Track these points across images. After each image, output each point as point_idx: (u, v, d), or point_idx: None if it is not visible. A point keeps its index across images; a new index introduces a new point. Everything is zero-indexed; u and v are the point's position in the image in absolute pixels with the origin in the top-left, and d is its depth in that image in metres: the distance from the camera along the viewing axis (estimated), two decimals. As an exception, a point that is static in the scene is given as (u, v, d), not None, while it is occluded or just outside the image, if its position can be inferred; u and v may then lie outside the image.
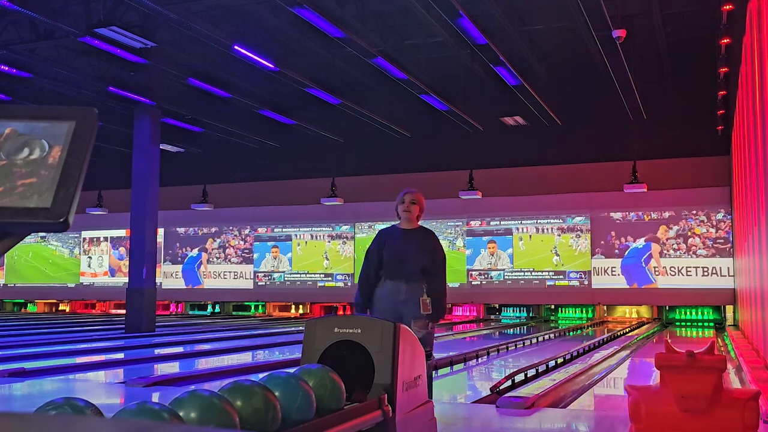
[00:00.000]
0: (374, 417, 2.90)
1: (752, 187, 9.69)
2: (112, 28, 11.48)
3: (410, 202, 4.58)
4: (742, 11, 9.88)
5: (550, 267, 19.85)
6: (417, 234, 4.59)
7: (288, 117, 18.65)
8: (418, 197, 4.61)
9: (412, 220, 4.59)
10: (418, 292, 4.39)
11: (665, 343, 3.16)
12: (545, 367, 8.21)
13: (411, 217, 4.58)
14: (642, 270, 18.98)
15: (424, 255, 4.48)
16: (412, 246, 4.50)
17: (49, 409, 2.08)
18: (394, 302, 4.41)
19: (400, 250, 4.50)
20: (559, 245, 19.83)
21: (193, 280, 23.53)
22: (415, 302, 4.36)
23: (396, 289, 4.43)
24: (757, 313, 9.57)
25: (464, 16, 11.82)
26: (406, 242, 4.51)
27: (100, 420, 0.62)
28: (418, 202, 4.60)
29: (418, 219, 4.62)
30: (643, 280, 19.00)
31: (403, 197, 4.61)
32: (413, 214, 4.57)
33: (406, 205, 4.57)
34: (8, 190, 0.81)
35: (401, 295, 4.40)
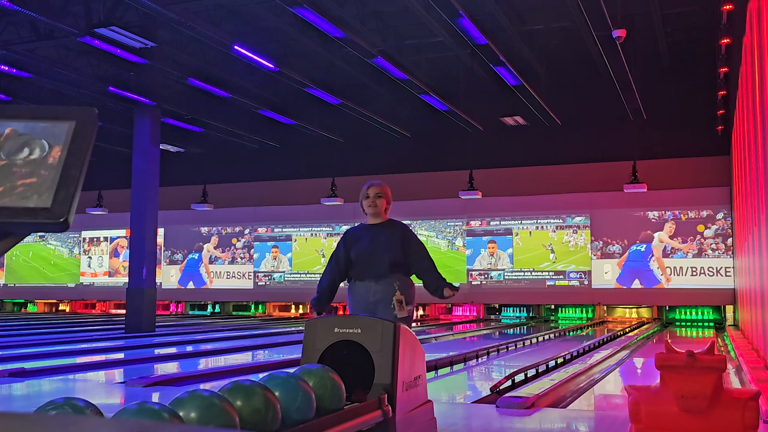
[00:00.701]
0: (374, 417, 2.90)
1: (752, 187, 9.69)
2: (112, 28, 11.47)
3: (375, 196, 4.25)
4: (742, 11, 9.88)
5: (546, 262, 19.85)
6: (384, 228, 4.26)
7: (288, 117, 18.65)
8: (384, 189, 4.29)
9: (378, 214, 4.27)
10: (390, 291, 4.09)
11: (665, 343, 3.16)
12: (545, 367, 8.20)
13: (377, 212, 4.26)
14: (649, 271, 18.98)
15: (393, 250, 4.17)
16: (379, 242, 4.20)
17: (49, 409, 2.08)
18: (366, 304, 4.12)
19: (367, 247, 4.20)
20: (554, 242, 19.84)
21: (197, 280, 23.52)
22: (387, 302, 4.06)
23: (366, 289, 4.16)
24: (757, 313, 9.57)
25: (464, 16, 11.82)
26: (373, 239, 4.21)
27: (100, 420, 0.62)
28: (384, 194, 4.27)
29: (386, 212, 4.30)
30: (650, 281, 19.00)
31: (367, 191, 4.28)
32: (379, 208, 4.25)
33: (371, 200, 4.25)
34: (8, 190, 0.81)
35: (371, 295, 4.12)
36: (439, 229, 20.94)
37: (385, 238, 4.19)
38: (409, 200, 20.89)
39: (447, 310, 20.98)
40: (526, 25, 15.06)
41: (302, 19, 12.53)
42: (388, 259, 4.13)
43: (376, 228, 4.26)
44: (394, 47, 15.38)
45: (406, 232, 4.28)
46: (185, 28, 13.57)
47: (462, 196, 18.99)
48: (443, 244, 20.82)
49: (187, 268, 23.66)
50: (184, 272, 23.68)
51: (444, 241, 20.93)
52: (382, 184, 4.30)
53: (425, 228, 21.04)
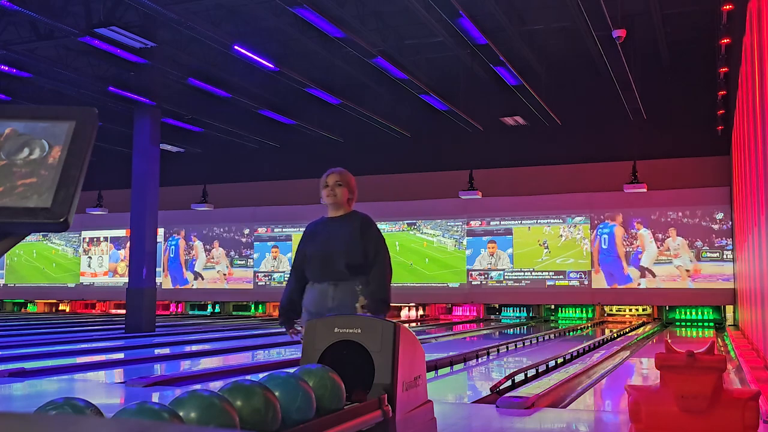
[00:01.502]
0: (374, 417, 2.91)
1: (752, 187, 9.69)
2: (112, 28, 11.48)
3: (335, 185, 3.71)
4: (742, 11, 9.88)
5: (538, 257, 19.87)
6: (344, 223, 3.71)
7: (288, 117, 18.65)
8: (345, 177, 3.75)
9: (339, 205, 3.73)
10: (350, 296, 3.57)
11: (665, 343, 3.16)
12: (545, 367, 8.20)
13: (337, 202, 3.71)
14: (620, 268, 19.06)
15: (352, 247, 3.61)
16: (336, 238, 3.66)
17: (49, 409, 2.08)
18: (321, 310, 3.57)
19: (322, 245, 3.68)
20: (549, 236, 19.86)
21: (181, 279, 23.53)
22: (347, 309, 3.53)
23: (322, 293, 3.63)
24: (757, 313, 9.57)
25: (464, 16, 11.82)
26: (330, 235, 3.69)
27: (100, 420, 0.62)
28: (345, 183, 3.74)
29: (350, 203, 3.77)
30: (623, 280, 19.08)
31: (326, 179, 3.73)
32: (339, 198, 3.71)
33: (329, 189, 3.71)
34: (8, 190, 0.81)
35: (329, 300, 3.59)
36: (446, 227, 20.89)
37: (344, 234, 3.65)
38: (409, 200, 20.90)
39: (447, 310, 20.98)
40: (526, 25, 15.07)
41: (302, 19, 12.53)
42: (345, 258, 3.62)
43: (336, 222, 3.73)
44: (394, 47, 15.38)
45: (371, 229, 3.70)
46: (185, 28, 13.57)
47: (462, 196, 18.99)
48: (450, 243, 20.81)
49: (188, 267, 23.66)
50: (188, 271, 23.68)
51: (451, 240, 20.86)
52: (344, 171, 3.78)
53: (430, 227, 21.03)
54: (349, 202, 3.76)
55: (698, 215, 18.59)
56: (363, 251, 3.61)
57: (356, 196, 3.80)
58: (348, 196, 3.74)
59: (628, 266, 19.10)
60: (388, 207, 21.14)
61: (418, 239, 21.11)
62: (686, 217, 18.68)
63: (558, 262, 19.73)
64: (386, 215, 21.31)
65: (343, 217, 3.73)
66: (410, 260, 20.99)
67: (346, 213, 3.74)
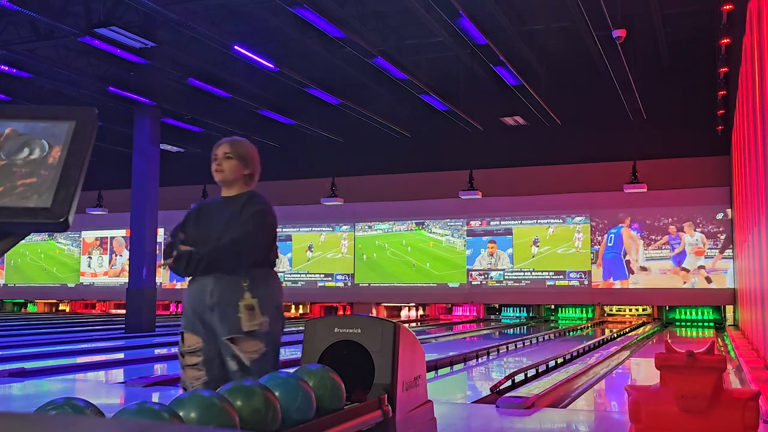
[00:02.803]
0: (374, 417, 2.91)
1: (752, 187, 9.69)
2: (112, 28, 11.47)
3: (224, 157, 3.05)
4: (742, 11, 9.88)
5: (529, 257, 19.91)
6: (235, 203, 3.03)
7: (288, 117, 18.66)
8: (238, 148, 3.07)
9: (229, 182, 3.06)
10: (234, 293, 2.90)
11: (665, 343, 3.16)
12: (545, 367, 8.20)
13: (225, 179, 3.05)
14: (621, 265, 19.10)
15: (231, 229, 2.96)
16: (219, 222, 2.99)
17: (49, 409, 2.09)
18: (201, 309, 2.96)
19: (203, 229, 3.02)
20: (539, 233, 19.90)
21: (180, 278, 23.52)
22: (228, 307, 2.90)
23: (201, 288, 2.96)
24: (757, 313, 9.58)
25: (464, 16, 11.82)
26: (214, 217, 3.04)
27: (100, 420, 0.62)
28: (239, 155, 3.06)
29: (247, 181, 3.11)
30: (619, 275, 19.12)
31: (215, 151, 3.10)
32: (228, 173, 3.04)
33: (217, 162, 3.07)
34: (8, 190, 0.81)
35: (207, 298, 2.94)
36: (456, 227, 20.86)
37: (229, 218, 2.99)
38: (409, 200, 20.89)
39: (447, 310, 20.99)
40: (526, 25, 15.07)
41: (302, 19, 12.53)
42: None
43: (225, 203, 3.07)
44: (394, 47, 15.38)
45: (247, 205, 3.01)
46: (185, 28, 13.57)
47: (462, 196, 18.99)
48: (459, 243, 20.80)
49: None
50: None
51: (460, 240, 20.83)
52: (238, 141, 3.12)
53: (439, 226, 21.01)
54: (246, 180, 3.09)
55: (698, 215, 18.59)
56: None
57: (257, 171, 3.14)
58: (243, 172, 3.06)
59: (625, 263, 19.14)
60: (387, 207, 21.15)
61: (425, 238, 21.08)
62: (686, 217, 18.68)
63: (560, 252, 19.70)
64: (386, 215, 21.31)
65: (234, 198, 3.05)
66: (415, 260, 20.98)
67: (240, 193, 3.06)
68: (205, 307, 2.94)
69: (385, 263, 21.25)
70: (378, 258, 21.32)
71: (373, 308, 20.98)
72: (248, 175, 3.10)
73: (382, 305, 21.23)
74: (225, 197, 3.08)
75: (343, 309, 21.58)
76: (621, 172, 17.85)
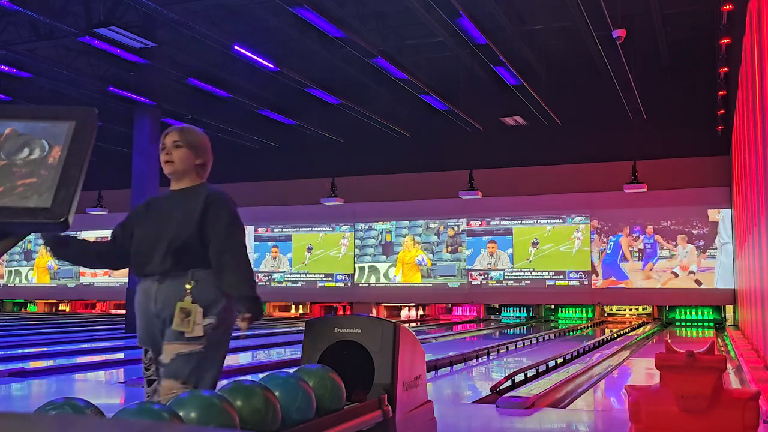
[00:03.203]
0: (374, 417, 2.91)
1: (752, 187, 9.69)
2: (112, 28, 11.47)
3: (173, 146, 2.76)
4: (742, 11, 9.88)
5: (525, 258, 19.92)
6: (186, 197, 2.75)
7: (288, 117, 18.66)
8: (189, 136, 2.80)
9: (179, 174, 2.77)
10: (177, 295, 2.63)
11: (665, 343, 3.16)
12: (545, 367, 8.20)
13: (175, 170, 2.76)
14: (617, 267, 19.17)
15: (186, 229, 2.66)
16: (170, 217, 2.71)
17: (49, 409, 2.09)
18: (146, 316, 2.71)
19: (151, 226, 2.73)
20: (537, 229, 19.91)
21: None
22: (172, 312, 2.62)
23: (146, 293, 2.72)
24: (757, 313, 9.57)
25: (464, 16, 11.82)
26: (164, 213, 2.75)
27: (100, 420, 0.62)
28: (190, 143, 2.78)
29: (199, 172, 2.82)
30: (620, 277, 19.17)
31: (163, 140, 2.80)
32: (178, 164, 2.75)
33: (166, 152, 2.77)
34: (8, 190, 0.81)
35: (152, 305, 2.68)
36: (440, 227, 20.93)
37: (181, 212, 2.70)
38: (409, 200, 20.89)
39: (447, 310, 20.99)
40: (526, 25, 15.07)
41: (302, 19, 12.53)
42: (173, 245, 2.65)
43: (176, 197, 2.78)
44: (394, 47, 15.38)
45: (212, 204, 2.73)
46: (185, 28, 13.58)
47: (462, 196, 18.99)
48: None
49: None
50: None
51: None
52: (188, 128, 2.85)
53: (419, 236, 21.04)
54: (198, 171, 2.81)
55: (698, 215, 18.59)
56: (199, 236, 2.65)
57: (209, 161, 2.87)
58: (195, 161, 2.78)
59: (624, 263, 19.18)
60: (387, 207, 21.15)
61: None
62: (685, 217, 18.68)
63: (562, 249, 19.69)
64: (386, 215, 21.31)
65: (187, 191, 2.77)
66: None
67: (192, 185, 2.79)
68: (152, 315, 2.68)
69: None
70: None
71: (373, 308, 20.98)
72: (200, 165, 2.81)
73: (382, 305, 21.24)
74: (175, 190, 2.79)
75: (343, 309, 21.57)
76: (621, 172, 17.85)
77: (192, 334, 2.57)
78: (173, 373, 2.56)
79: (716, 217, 18.43)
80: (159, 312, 2.66)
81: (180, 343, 2.58)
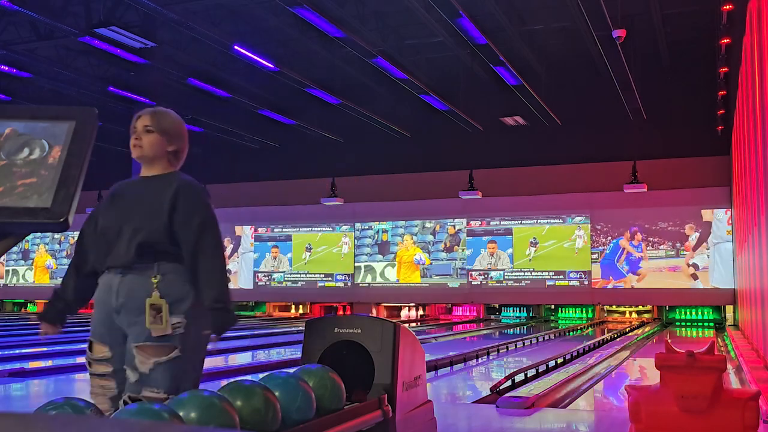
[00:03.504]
0: (374, 417, 2.91)
1: (752, 187, 9.69)
2: (112, 28, 11.48)
3: (144, 130, 2.60)
4: (742, 11, 9.88)
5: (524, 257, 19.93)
6: (157, 185, 2.54)
7: (288, 117, 18.66)
8: (161, 120, 2.60)
9: (151, 160, 2.58)
10: (140, 289, 2.43)
11: (665, 343, 3.16)
12: (545, 367, 8.20)
13: (143, 155, 2.58)
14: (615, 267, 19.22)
15: (154, 219, 2.45)
16: (137, 206, 2.50)
17: (49, 409, 2.09)
18: (107, 313, 2.53)
19: (116, 215, 2.51)
20: (536, 230, 19.91)
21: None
22: (135, 308, 2.43)
23: (107, 287, 2.52)
24: (757, 313, 9.58)
25: (464, 16, 11.83)
26: (131, 202, 2.53)
27: (100, 420, 0.62)
28: (161, 128, 2.58)
29: (171, 160, 2.60)
30: (617, 275, 19.21)
31: (134, 123, 2.65)
32: (148, 149, 2.56)
33: (135, 136, 2.62)
34: (8, 190, 0.81)
35: (114, 299, 2.50)
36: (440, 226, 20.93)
37: (148, 201, 2.50)
38: (409, 200, 20.89)
39: (447, 310, 20.99)
40: (526, 25, 15.07)
41: (302, 19, 12.54)
42: (139, 236, 2.44)
43: (144, 184, 2.58)
44: (394, 47, 15.38)
45: (183, 194, 2.49)
46: (185, 28, 13.58)
47: (462, 196, 18.99)
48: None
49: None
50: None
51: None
52: (161, 111, 2.64)
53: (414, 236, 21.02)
54: (170, 158, 2.60)
55: (697, 215, 18.60)
56: (167, 228, 2.44)
57: (185, 148, 2.65)
58: (167, 148, 2.58)
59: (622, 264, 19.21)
60: (387, 207, 21.15)
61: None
62: (685, 217, 18.69)
63: (566, 246, 19.68)
64: (386, 215, 21.31)
65: (157, 179, 2.56)
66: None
67: (163, 173, 2.57)
68: (112, 310, 2.49)
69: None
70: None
71: (373, 308, 20.98)
72: (173, 152, 2.59)
73: (382, 305, 21.24)
74: (144, 177, 2.60)
75: (343, 309, 21.57)
76: (621, 172, 17.85)
77: (164, 330, 2.38)
78: (155, 383, 2.39)
79: (709, 217, 18.47)
80: (120, 307, 2.46)
81: (153, 345, 2.39)
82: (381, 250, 21.38)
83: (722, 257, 18.28)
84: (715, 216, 18.43)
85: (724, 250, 18.27)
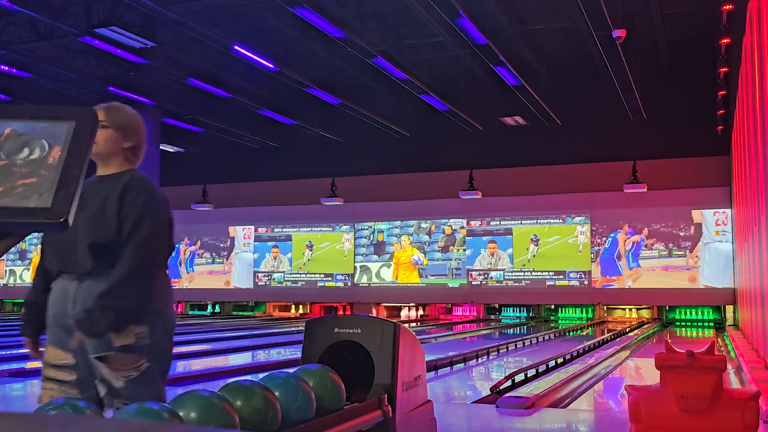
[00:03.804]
0: (374, 417, 2.91)
1: (752, 187, 9.69)
2: (112, 28, 11.48)
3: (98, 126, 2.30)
4: (742, 11, 9.88)
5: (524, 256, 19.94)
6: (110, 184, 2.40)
7: (288, 117, 18.66)
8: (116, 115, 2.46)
9: (106, 157, 2.44)
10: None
11: (665, 343, 3.16)
12: (545, 367, 8.20)
13: (99, 152, 2.41)
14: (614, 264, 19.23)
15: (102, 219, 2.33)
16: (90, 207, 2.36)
17: (49, 409, 2.09)
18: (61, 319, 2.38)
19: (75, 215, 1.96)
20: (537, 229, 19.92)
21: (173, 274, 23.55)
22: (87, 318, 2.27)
23: (62, 293, 2.39)
24: (757, 313, 9.58)
25: (464, 16, 11.83)
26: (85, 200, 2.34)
27: (100, 420, 0.62)
28: (116, 124, 2.45)
29: (128, 157, 2.48)
30: (614, 272, 19.24)
31: None
32: (102, 146, 2.41)
33: None
34: (8, 190, 0.81)
35: (70, 306, 2.36)
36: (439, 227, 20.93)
37: (98, 201, 2.36)
38: (409, 200, 20.89)
39: (447, 310, 20.99)
40: (526, 25, 15.07)
41: (302, 19, 12.54)
42: (89, 237, 2.32)
43: (99, 183, 2.43)
44: (394, 47, 15.38)
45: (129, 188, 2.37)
46: (185, 28, 13.58)
47: (462, 196, 18.99)
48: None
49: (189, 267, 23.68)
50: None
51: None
52: (117, 107, 2.49)
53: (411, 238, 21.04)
54: (127, 155, 2.47)
55: (697, 215, 18.60)
56: (117, 228, 2.32)
57: (142, 145, 2.53)
58: (123, 144, 2.45)
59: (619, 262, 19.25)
60: (387, 207, 21.15)
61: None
62: (685, 217, 18.70)
63: (569, 242, 19.67)
64: (386, 215, 21.31)
65: (113, 177, 2.43)
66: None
67: (120, 171, 2.45)
68: (66, 317, 2.33)
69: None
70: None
71: (373, 308, 20.98)
72: (129, 148, 2.47)
73: (382, 305, 21.24)
74: (100, 176, 2.46)
75: (343, 309, 21.58)
76: (621, 172, 17.85)
77: (130, 340, 2.27)
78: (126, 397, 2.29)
79: (699, 218, 18.52)
80: (77, 315, 2.28)
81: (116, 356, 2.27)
82: (376, 251, 21.38)
83: (712, 257, 18.32)
84: (704, 217, 18.48)
85: (714, 250, 18.31)
